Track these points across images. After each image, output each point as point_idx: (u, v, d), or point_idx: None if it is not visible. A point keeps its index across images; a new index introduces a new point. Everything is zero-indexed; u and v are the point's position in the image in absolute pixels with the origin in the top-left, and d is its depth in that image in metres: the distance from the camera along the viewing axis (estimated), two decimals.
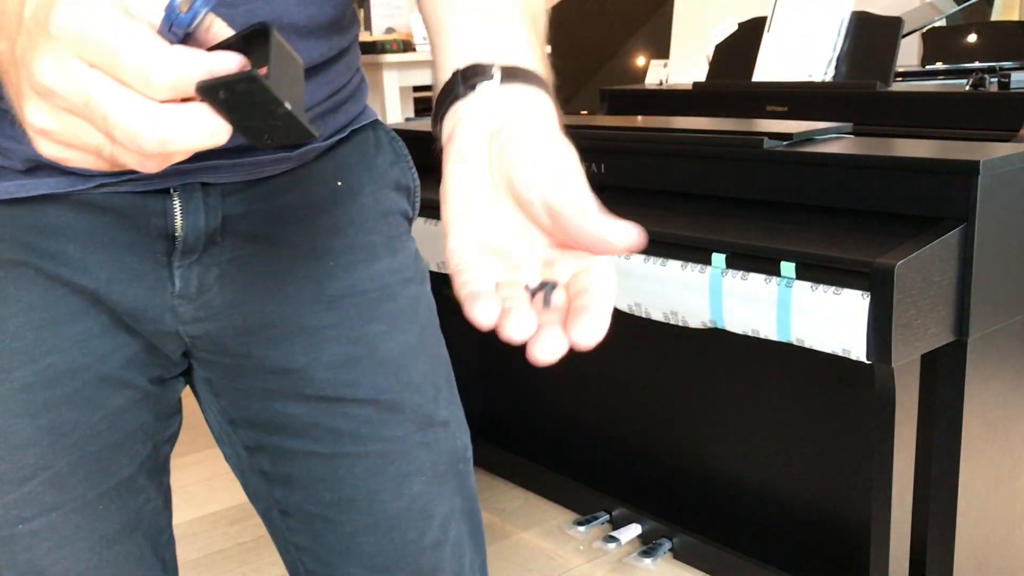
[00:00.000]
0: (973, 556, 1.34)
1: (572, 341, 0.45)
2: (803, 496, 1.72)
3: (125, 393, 0.72)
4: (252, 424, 0.77)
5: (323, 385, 0.74)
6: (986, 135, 1.59)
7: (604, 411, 2.07)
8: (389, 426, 0.75)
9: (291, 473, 0.76)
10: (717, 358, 1.81)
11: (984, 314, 1.23)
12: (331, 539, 0.77)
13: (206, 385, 0.78)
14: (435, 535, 0.78)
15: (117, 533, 0.73)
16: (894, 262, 1.11)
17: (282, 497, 0.78)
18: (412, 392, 0.76)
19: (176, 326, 0.72)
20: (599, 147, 1.63)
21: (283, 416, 0.75)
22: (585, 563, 1.86)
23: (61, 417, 0.69)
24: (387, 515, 0.76)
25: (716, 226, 1.35)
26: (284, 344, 0.74)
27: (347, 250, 0.75)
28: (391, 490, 0.75)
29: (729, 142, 1.44)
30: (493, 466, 2.24)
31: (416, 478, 0.76)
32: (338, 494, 0.75)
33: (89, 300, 0.69)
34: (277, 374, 0.74)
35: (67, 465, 0.70)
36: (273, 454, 0.77)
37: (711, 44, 2.18)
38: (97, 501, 0.72)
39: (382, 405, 0.75)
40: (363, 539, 0.76)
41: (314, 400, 0.74)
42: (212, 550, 1.95)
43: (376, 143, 0.80)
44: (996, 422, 1.32)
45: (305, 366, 0.74)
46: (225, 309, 0.73)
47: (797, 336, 1.22)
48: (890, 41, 1.84)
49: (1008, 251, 1.25)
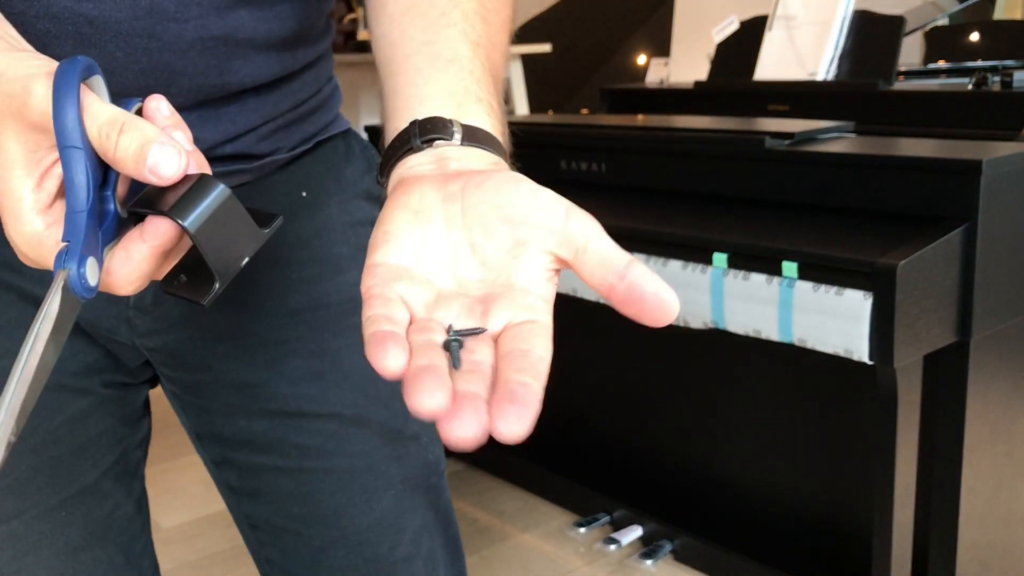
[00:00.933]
0: (975, 557, 1.33)
1: (495, 428, 0.37)
2: (805, 497, 1.72)
3: (85, 399, 0.70)
4: (216, 439, 0.75)
5: (286, 400, 0.72)
6: (989, 134, 1.58)
7: (605, 412, 2.06)
8: (355, 440, 0.74)
9: (258, 487, 0.75)
10: (718, 359, 1.80)
11: (987, 314, 1.22)
12: (300, 553, 0.76)
13: (173, 397, 0.77)
14: (406, 549, 0.76)
15: (83, 540, 0.71)
16: (896, 262, 1.11)
17: (250, 511, 0.77)
18: (379, 407, 0.74)
19: (132, 338, 0.70)
20: (599, 146, 1.62)
21: (247, 432, 0.73)
22: (586, 565, 1.85)
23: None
24: (356, 529, 0.74)
25: (717, 226, 1.34)
26: (244, 358, 0.72)
27: (310, 262, 0.73)
28: (359, 504, 0.74)
29: (730, 141, 1.43)
30: (493, 468, 2.24)
31: (385, 492, 0.75)
32: (305, 509, 0.74)
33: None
34: (238, 388, 0.73)
35: (26, 471, 0.68)
36: (240, 468, 0.75)
37: (712, 43, 2.18)
38: (60, 507, 0.70)
39: (347, 419, 0.73)
40: (332, 553, 0.75)
41: (278, 415, 0.73)
42: (210, 551, 1.95)
43: (346, 153, 0.78)
44: (998, 423, 1.31)
45: (267, 380, 0.72)
46: (181, 321, 0.71)
47: (799, 336, 1.21)
48: (892, 40, 1.83)
49: (1011, 251, 1.24)
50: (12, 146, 0.45)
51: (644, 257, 1.37)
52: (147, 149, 0.44)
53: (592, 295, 1.47)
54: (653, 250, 1.36)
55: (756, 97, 1.98)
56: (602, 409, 2.07)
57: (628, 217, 1.45)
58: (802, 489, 1.72)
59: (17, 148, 0.45)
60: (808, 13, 1.95)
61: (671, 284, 0.44)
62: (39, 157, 0.45)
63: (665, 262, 1.34)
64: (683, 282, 1.31)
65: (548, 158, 1.69)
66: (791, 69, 1.96)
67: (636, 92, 2.35)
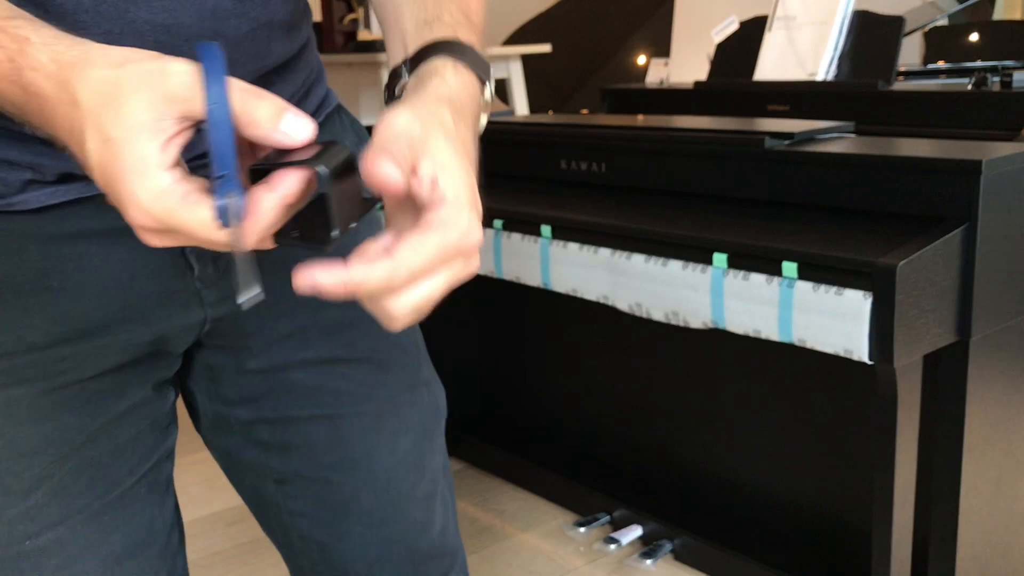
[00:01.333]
0: (975, 557, 1.33)
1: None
2: (804, 497, 1.72)
3: (122, 402, 0.73)
4: (252, 400, 0.79)
5: (323, 348, 0.78)
6: (988, 134, 1.58)
7: (605, 412, 2.06)
8: (383, 386, 0.80)
9: (290, 440, 0.79)
10: (718, 359, 1.80)
11: (986, 314, 1.22)
12: (330, 500, 0.80)
13: (205, 373, 0.79)
14: (426, 488, 0.82)
15: (126, 549, 0.73)
16: (896, 262, 1.11)
17: (279, 465, 0.80)
18: (400, 352, 0.81)
19: (203, 311, 0.74)
20: (600, 146, 1.62)
21: (287, 384, 0.78)
22: (586, 564, 1.85)
23: (65, 423, 0.69)
24: (384, 470, 0.80)
25: (717, 226, 1.34)
26: (289, 311, 0.77)
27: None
28: (386, 446, 0.80)
29: (730, 141, 1.43)
30: (493, 467, 2.24)
31: (406, 435, 0.81)
32: (338, 455, 0.79)
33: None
34: (282, 341, 0.77)
35: (69, 473, 0.70)
36: (272, 424, 0.79)
37: (712, 43, 2.18)
38: (103, 512, 0.71)
39: (375, 364, 0.79)
40: (363, 496, 0.79)
41: (316, 363, 0.78)
42: (211, 551, 1.95)
43: (342, 126, 0.84)
44: (998, 423, 1.31)
45: (307, 328, 0.78)
46: None
47: (799, 336, 1.21)
48: (892, 40, 1.84)
49: (1010, 251, 1.24)
50: (141, 112, 0.50)
51: (644, 257, 1.37)
52: (282, 115, 0.52)
53: (592, 295, 1.47)
54: (653, 250, 1.36)
55: (756, 97, 1.98)
56: (602, 409, 2.07)
57: (628, 217, 1.45)
58: (802, 489, 1.72)
59: (147, 115, 0.50)
60: (808, 13, 1.95)
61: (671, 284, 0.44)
62: (164, 125, 0.50)
63: (665, 262, 1.34)
64: (683, 282, 1.31)
65: (548, 158, 1.69)
66: (791, 69, 1.96)
67: (636, 92, 2.35)
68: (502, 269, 1.58)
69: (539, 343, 2.16)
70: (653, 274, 1.35)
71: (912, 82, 2.01)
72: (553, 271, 1.51)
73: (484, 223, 0.57)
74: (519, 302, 2.17)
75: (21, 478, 0.68)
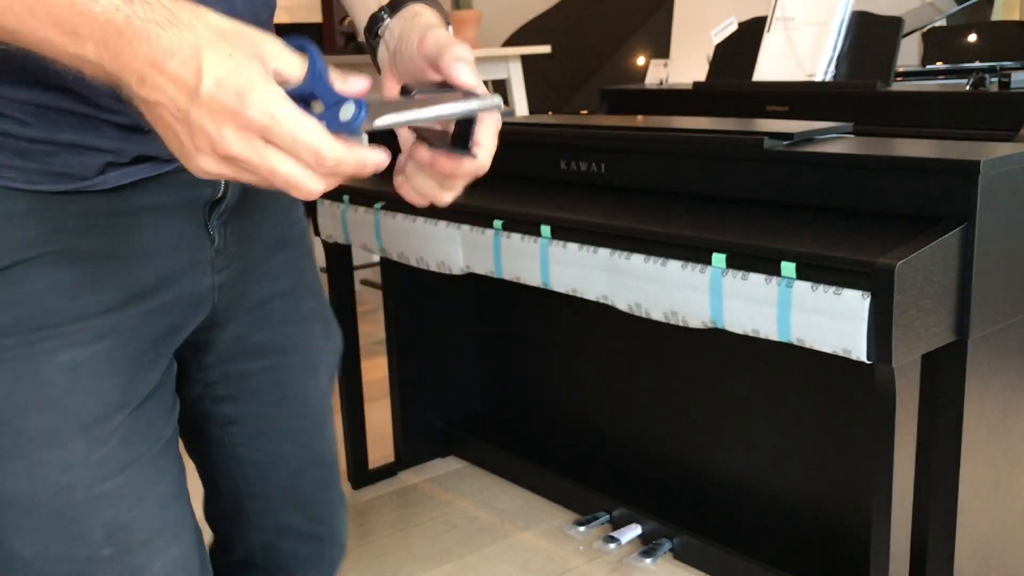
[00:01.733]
0: (974, 556, 1.33)
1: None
2: (803, 496, 1.72)
3: (167, 362, 0.84)
4: (224, 362, 0.93)
5: (279, 311, 0.94)
6: (987, 135, 1.59)
7: (604, 411, 2.07)
8: (313, 336, 0.99)
9: (242, 390, 0.95)
10: (717, 358, 1.81)
11: (985, 314, 1.23)
12: (268, 430, 0.97)
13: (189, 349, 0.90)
14: (330, 410, 1.04)
15: (171, 493, 0.83)
16: (895, 262, 1.11)
17: (231, 411, 0.95)
18: (323, 306, 1.01)
19: (212, 277, 0.86)
20: (599, 147, 1.63)
21: (252, 346, 0.93)
22: (585, 563, 1.86)
23: (137, 378, 0.80)
24: (308, 401, 0.99)
25: (716, 226, 1.35)
26: (263, 280, 0.92)
27: (293, 205, 0.97)
28: (313, 383, 0.99)
29: (729, 142, 1.44)
30: (493, 466, 2.24)
31: (325, 372, 1.01)
32: (277, 395, 0.96)
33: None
34: (255, 307, 0.92)
35: (135, 421, 0.79)
36: (230, 378, 0.94)
37: (711, 44, 2.18)
38: (159, 456, 0.81)
39: (310, 320, 0.98)
40: (296, 423, 0.98)
41: (275, 324, 0.94)
42: None
43: None
44: (996, 422, 1.32)
45: (270, 297, 0.94)
46: (236, 257, 0.88)
47: (797, 336, 1.22)
48: (890, 41, 1.84)
49: (1009, 251, 1.25)
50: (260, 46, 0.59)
51: (643, 257, 1.37)
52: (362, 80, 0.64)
53: (592, 295, 1.47)
54: (652, 250, 1.36)
55: (755, 98, 1.98)
56: (602, 408, 2.07)
57: (628, 217, 1.46)
58: (800, 488, 1.72)
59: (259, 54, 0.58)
60: (807, 14, 1.95)
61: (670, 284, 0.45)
62: (269, 71, 0.59)
63: (664, 262, 1.34)
64: (682, 282, 1.32)
65: (548, 158, 1.70)
66: (790, 70, 1.96)
67: (636, 93, 2.36)
68: (502, 269, 1.58)
69: (539, 343, 2.16)
70: (652, 274, 1.36)
71: (911, 83, 2.01)
72: (553, 271, 1.51)
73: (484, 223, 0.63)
74: (519, 302, 2.18)
75: (105, 425, 0.77)
